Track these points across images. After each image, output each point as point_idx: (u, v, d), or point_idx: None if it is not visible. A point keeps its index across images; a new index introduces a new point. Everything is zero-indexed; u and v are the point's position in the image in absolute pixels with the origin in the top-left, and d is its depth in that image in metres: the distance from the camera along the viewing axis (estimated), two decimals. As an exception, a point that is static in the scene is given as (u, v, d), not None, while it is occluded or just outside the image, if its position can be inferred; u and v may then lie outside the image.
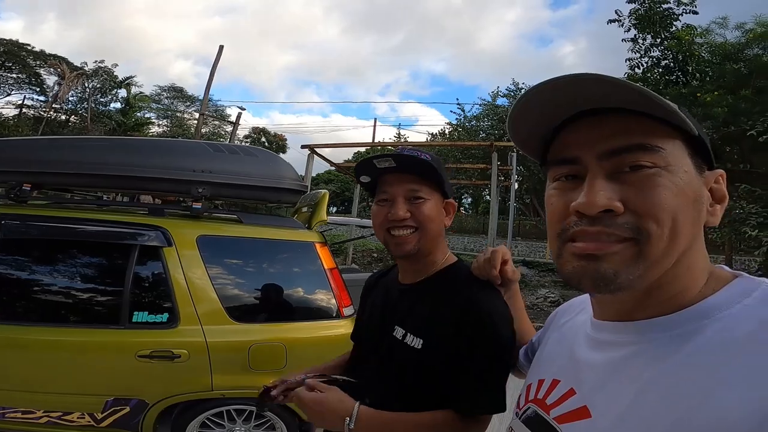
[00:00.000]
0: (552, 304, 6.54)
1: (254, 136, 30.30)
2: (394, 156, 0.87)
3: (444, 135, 25.73)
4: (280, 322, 2.14)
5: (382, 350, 0.94)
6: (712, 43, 7.94)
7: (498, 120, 20.65)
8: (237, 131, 15.26)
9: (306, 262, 2.32)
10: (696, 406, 0.36)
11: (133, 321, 1.94)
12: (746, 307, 0.40)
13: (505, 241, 11.29)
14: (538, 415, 0.53)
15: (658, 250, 0.41)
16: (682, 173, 0.42)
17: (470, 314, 0.83)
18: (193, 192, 2.22)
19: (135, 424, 1.99)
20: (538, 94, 0.46)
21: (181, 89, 27.36)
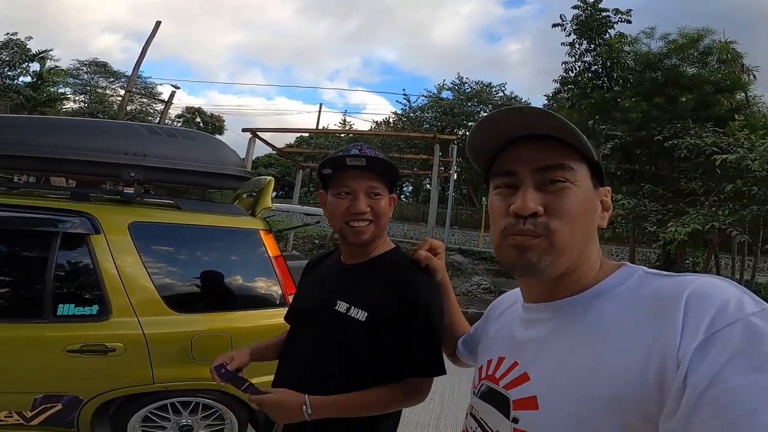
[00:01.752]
0: (485, 291, 6.98)
1: (188, 115, 28.19)
2: (366, 156, 0.96)
3: (389, 124, 25.94)
4: (224, 311, 2.09)
5: (321, 323, 1.02)
6: (638, 51, 8.72)
7: (441, 112, 21.21)
8: (169, 110, 14.12)
9: (250, 249, 2.27)
10: (598, 360, 0.49)
11: (58, 314, 1.79)
12: (627, 288, 0.54)
13: (443, 230, 11.79)
14: (491, 388, 0.64)
15: (563, 242, 0.55)
16: (584, 188, 0.57)
17: (410, 293, 0.96)
18: (124, 176, 2.07)
19: (70, 421, 1.87)
20: (492, 120, 0.59)
21: (105, 64, 24.84)
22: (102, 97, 24.41)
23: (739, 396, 0.37)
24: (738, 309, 0.42)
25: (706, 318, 0.42)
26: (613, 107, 8.09)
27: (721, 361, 0.39)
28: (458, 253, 9.35)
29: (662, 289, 0.49)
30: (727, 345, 0.40)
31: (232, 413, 2.10)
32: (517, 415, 0.56)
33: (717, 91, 7.88)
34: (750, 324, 0.40)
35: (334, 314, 1.00)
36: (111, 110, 23.19)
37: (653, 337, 0.45)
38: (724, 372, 0.38)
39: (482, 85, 21.94)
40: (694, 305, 0.44)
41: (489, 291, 7.04)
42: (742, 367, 0.38)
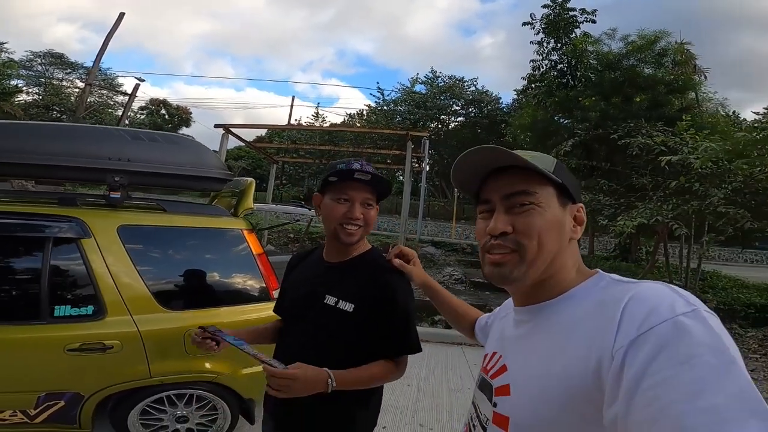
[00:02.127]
0: (456, 281, 7.29)
1: (152, 107, 27.07)
2: (372, 174, 1.15)
3: (362, 116, 25.91)
4: (213, 307, 2.22)
5: (312, 315, 1.18)
6: (600, 51, 9.16)
7: (414, 105, 21.39)
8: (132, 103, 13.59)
9: (235, 248, 2.40)
10: (557, 357, 0.57)
11: (55, 315, 1.88)
12: (592, 293, 0.61)
13: (416, 221, 12.07)
14: (483, 378, 0.74)
15: (531, 255, 0.64)
16: (547, 208, 0.66)
17: (388, 291, 1.16)
18: (108, 181, 2.15)
19: (72, 417, 1.96)
20: (462, 164, 0.71)
21: (61, 55, 23.63)
22: (58, 89, 23.22)
23: (666, 387, 0.41)
24: (669, 309, 0.46)
25: (639, 318, 0.48)
26: (575, 105, 8.48)
27: (652, 354, 0.44)
28: (431, 245, 9.65)
29: (612, 294, 0.56)
30: (657, 341, 0.44)
31: (225, 403, 2.24)
32: (496, 400, 0.66)
33: (669, 92, 8.43)
34: (678, 322, 0.45)
35: (325, 307, 1.16)
36: (68, 102, 22.07)
37: (596, 336, 0.52)
38: (653, 365, 0.43)
39: (455, 80, 22.25)
40: (630, 308, 0.50)
41: (460, 281, 7.36)
42: (670, 361, 0.42)
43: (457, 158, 0.70)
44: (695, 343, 0.43)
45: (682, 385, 0.41)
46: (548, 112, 9.42)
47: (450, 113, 22.53)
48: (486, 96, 21.85)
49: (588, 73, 9.10)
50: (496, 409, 0.65)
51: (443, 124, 22.81)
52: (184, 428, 2.22)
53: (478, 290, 6.95)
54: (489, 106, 21.46)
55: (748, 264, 17.76)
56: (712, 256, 17.39)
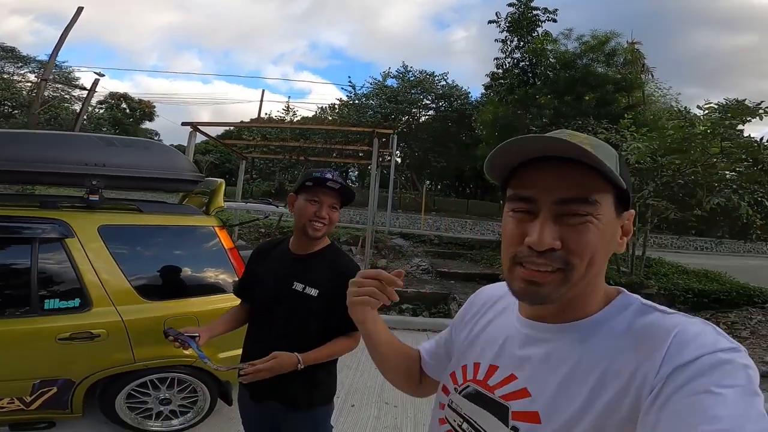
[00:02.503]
0: (423, 272, 7.69)
1: (111, 102, 26.01)
2: (342, 185, 1.40)
3: (334, 110, 25.91)
4: (189, 298, 2.44)
5: (283, 300, 1.42)
6: (557, 51, 9.67)
7: (386, 99, 21.62)
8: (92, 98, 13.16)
9: (208, 244, 2.63)
10: (598, 390, 0.53)
11: (46, 308, 2.07)
12: (624, 318, 0.57)
13: (385, 213, 12.40)
14: (480, 392, 0.67)
15: (578, 276, 0.55)
16: (605, 220, 0.55)
17: (344, 276, 1.36)
18: (87, 185, 2.33)
19: (65, 402, 2.15)
20: (519, 144, 0.56)
21: (13, 49, 22.59)
22: (9, 83, 22.12)
23: (694, 408, 0.44)
24: (712, 345, 0.48)
25: (685, 351, 0.49)
26: (533, 103, 9.00)
27: (689, 379, 0.46)
28: (399, 236, 10.03)
29: (653, 326, 0.54)
30: (697, 369, 0.47)
31: (204, 386, 2.48)
32: (517, 425, 0.59)
33: (616, 90, 9.08)
34: (718, 357, 0.47)
35: (293, 293, 1.40)
36: (19, 97, 21.06)
37: (639, 365, 0.51)
38: (688, 386, 0.46)
39: (425, 74, 22.62)
40: (677, 341, 0.50)
41: (427, 272, 7.77)
42: (703, 386, 0.45)
43: (503, 143, 0.57)
44: (725, 376, 0.46)
45: (704, 409, 0.44)
46: (509, 109, 9.91)
47: (420, 107, 22.91)
48: (456, 90, 22.35)
49: (547, 71, 9.62)
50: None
51: (414, 118, 23.18)
52: (167, 410, 2.46)
53: (444, 279, 7.37)
54: (458, 101, 21.98)
55: (698, 252, 18.69)
56: (664, 243, 18.65)
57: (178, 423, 2.49)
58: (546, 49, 9.38)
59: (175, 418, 2.49)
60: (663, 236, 18.67)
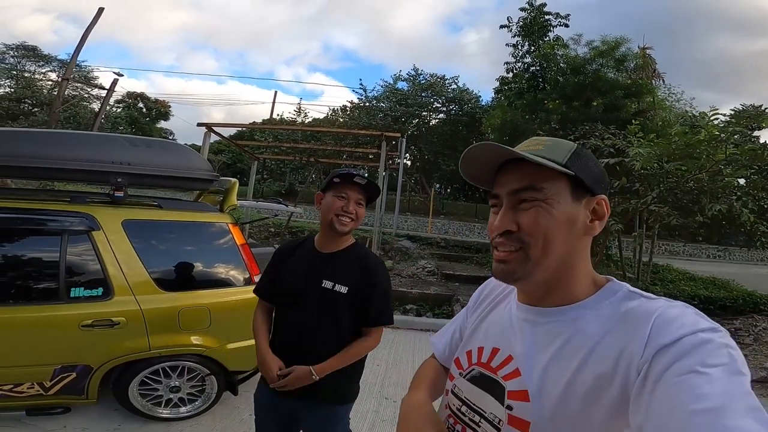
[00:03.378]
0: (429, 273, 7.79)
1: (128, 101, 26.62)
2: (368, 180, 1.47)
3: (345, 112, 26.13)
4: (202, 290, 2.59)
5: (313, 297, 1.44)
6: (567, 56, 9.63)
7: (396, 102, 21.75)
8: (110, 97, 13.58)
9: (221, 239, 2.79)
10: (582, 368, 0.59)
11: (71, 296, 2.24)
12: (611, 303, 0.63)
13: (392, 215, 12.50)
14: (484, 375, 0.71)
15: (536, 254, 0.63)
16: (556, 204, 0.63)
17: (373, 275, 1.48)
18: (112, 182, 2.51)
19: (81, 388, 2.29)
20: (469, 157, 0.68)
21: (35, 48, 23.38)
22: (30, 82, 22.84)
23: (681, 387, 0.47)
24: (693, 326, 0.52)
25: (667, 332, 0.53)
26: (541, 108, 9.01)
27: (674, 359, 0.50)
28: (406, 239, 10.14)
29: (636, 308, 0.59)
30: (680, 349, 0.50)
31: (212, 374, 2.62)
32: (510, 403, 0.64)
33: (625, 96, 9.05)
34: (700, 337, 0.51)
35: (323, 290, 1.43)
36: (40, 95, 21.74)
37: (625, 347, 0.55)
38: (674, 366, 0.49)
39: (436, 77, 22.70)
40: (659, 322, 0.54)
41: (432, 273, 7.87)
42: (688, 366, 0.48)
43: (463, 152, 0.69)
44: (708, 355, 0.49)
45: (692, 388, 0.47)
46: (517, 114, 9.93)
47: (431, 110, 22.99)
48: (466, 94, 22.37)
49: (557, 76, 9.59)
50: (513, 413, 0.64)
51: (424, 121, 23.27)
52: (176, 397, 2.61)
53: (449, 281, 7.47)
54: (469, 104, 22.00)
55: (710, 259, 18.37)
56: (676, 251, 18.42)
57: (186, 410, 2.64)
58: (556, 54, 9.36)
59: (182, 406, 2.64)
60: (675, 243, 18.44)
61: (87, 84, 21.83)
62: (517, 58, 10.18)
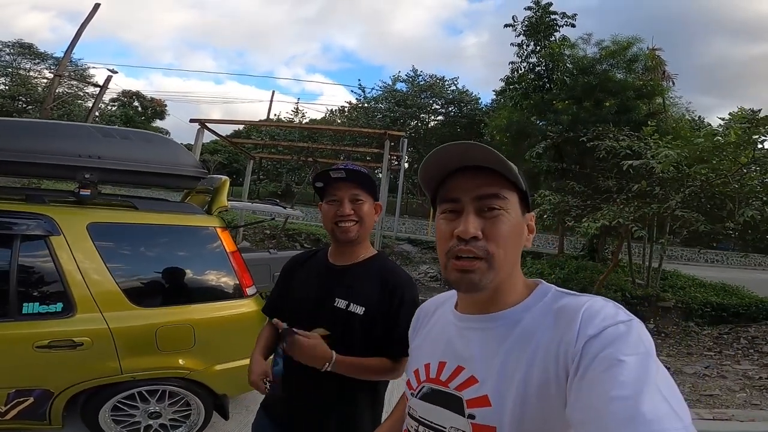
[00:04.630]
0: (431, 279, 7.47)
1: (124, 99, 26.26)
2: (345, 169, 1.18)
3: (343, 113, 25.83)
4: (185, 305, 2.24)
5: (322, 317, 1.18)
6: (575, 56, 9.38)
7: (395, 103, 21.50)
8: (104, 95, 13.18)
9: (208, 245, 2.42)
10: (531, 363, 0.61)
11: (24, 313, 1.87)
12: (545, 304, 0.66)
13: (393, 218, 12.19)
14: (436, 390, 0.72)
15: (500, 261, 0.65)
16: (514, 215, 0.67)
17: (397, 295, 1.18)
18: (79, 178, 2.14)
19: (42, 413, 1.97)
20: (440, 152, 0.68)
21: (31, 45, 23.27)
22: (25, 79, 22.61)
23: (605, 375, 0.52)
24: (613, 318, 0.58)
25: (593, 323, 0.58)
26: (549, 108, 8.73)
27: (600, 349, 0.55)
28: (407, 242, 9.79)
29: (566, 305, 0.63)
30: (604, 340, 0.55)
31: (198, 399, 2.26)
32: (472, 412, 0.65)
33: (637, 97, 8.78)
34: (620, 328, 0.56)
35: (335, 310, 1.18)
36: (35, 93, 21.42)
37: (561, 339, 0.59)
38: (600, 356, 0.54)
39: (435, 79, 22.48)
40: (586, 315, 0.59)
41: (435, 279, 7.53)
42: (611, 355, 0.53)
43: (433, 150, 0.68)
44: (626, 344, 0.54)
45: (615, 376, 0.51)
46: (524, 114, 9.65)
47: (430, 112, 22.73)
48: (466, 96, 22.16)
49: (564, 76, 9.33)
50: (476, 421, 0.65)
51: (423, 123, 23.02)
52: (156, 423, 2.24)
53: (452, 288, 7.14)
54: (468, 106, 21.78)
55: (708, 264, 18.36)
56: (675, 255, 18.22)
57: None
58: (563, 54, 9.10)
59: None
60: (673, 248, 18.28)
61: (82, 81, 21.44)
62: (522, 58, 9.91)
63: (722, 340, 5.65)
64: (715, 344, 5.51)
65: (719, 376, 4.33)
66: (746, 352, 5.04)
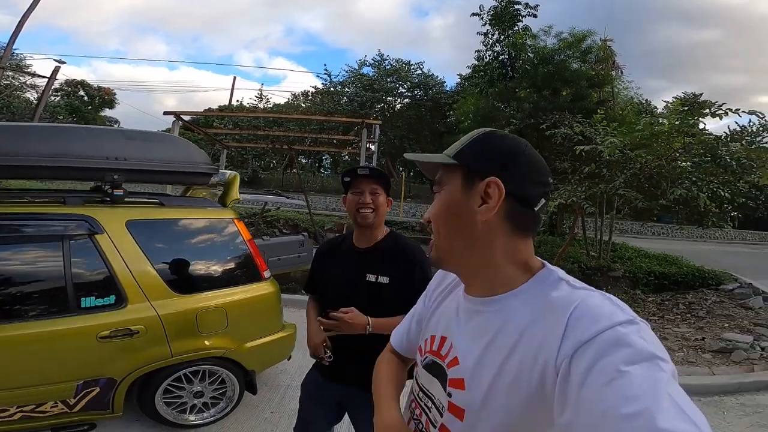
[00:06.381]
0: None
1: (68, 89, 24.34)
2: (369, 167, 1.53)
3: (307, 97, 25.46)
4: (217, 290, 2.49)
5: (360, 290, 1.51)
6: (536, 46, 9.90)
7: (362, 88, 21.46)
8: (52, 86, 12.34)
9: (228, 236, 2.69)
10: (508, 359, 0.59)
11: (82, 307, 2.07)
12: (541, 291, 0.62)
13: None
14: (435, 362, 0.73)
15: (439, 243, 0.69)
16: (447, 196, 0.67)
17: (411, 263, 1.50)
18: (108, 179, 2.33)
19: (107, 402, 2.15)
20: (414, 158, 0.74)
21: None
22: None
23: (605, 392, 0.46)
24: (609, 319, 0.51)
25: (582, 327, 0.52)
26: (512, 96, 9.27)
27: (593, 362, 0.48)
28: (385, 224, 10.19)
29: (558, 299, 0.58)
30: (598, 349, 0.49)
31: (233, 375, 2.54)
32: (450, 391, 0.67)
33: (590, 86, 9.50)
34: (617, 332, 0.49)
35: (368, 283, 1.49)
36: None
37: (543, 341, 0.55)
38: (593, 372, 0.48)
39: (401, 63, 22.60)
40: (575, 316, 0.53)
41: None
42: (608, 368, 0.47)
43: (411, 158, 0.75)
44: (629, 352, 0.47)
45: (617, 390, 0.45)
46: (489, 101, 10.16)
47: (396, 95, 22.92)
48: (431, 79, 22.48)
49: (525, 65, 9.85)
50: (452, 400, 0.66)
51: (389, 106, 23.19)
52: (200, 403, 2.51)
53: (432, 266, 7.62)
54: (433, 90, 22.15)
55: (655, 237, 19.70)
56: (625, 229, 19.64)
57: (211, 414, 2.55)
58: (525, 43, 9.61)
59: (207, 410, 2.55)
60: (623, 222, 19.86)
61: (19, 72, 19.68)
62: (487, 47, 10.34)
63: (664, 306, 6.17)
64: (658, 310, 5.99)
65: (662, 338, 4.71)
66: (684, 316, 5.53)
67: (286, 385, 3.14)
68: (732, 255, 12.67)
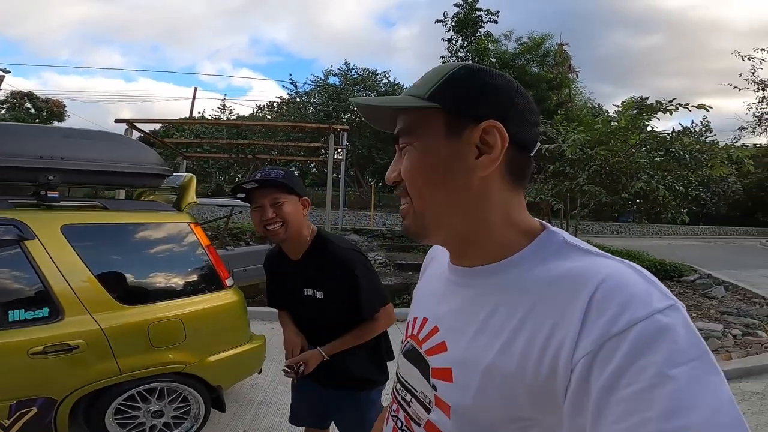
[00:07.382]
0: (381, 265, 7.79)
1: (13, 101, 22.89)
2: (257, 180, 1.33)
3: (272, 108, 25.10)
4: (172, 300, 2.27)
5: (300, 304, 1.47)
6: (498, 51, 10.26)
7: (328, 98, 21.41)
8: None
9: (184, 241, 2.47)
10: (508, 345, 0.47)
11: (11, 320, 1.82)
12: (544, 259, 0.50)
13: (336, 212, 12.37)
14: (414, 348, 0.61)
15: (418, 203, 0.53)
16: (425, 149, 0.52)
17: (346, 270, 1.37)
18: (42, 180, 2.09)
19: (47, 423, 1.92)
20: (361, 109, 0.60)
21: None
22: None
23: (641, 402, 0.36)
24: (645, 304, 0.40)
25: (610, 314, 0.40)
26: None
27: (626, 362, 0.38)
28: (353, 232, 10.05)
29: (571, 273, 0.46)
30: (632, 346, 0.38)
31: (196, 392, 2.31)
32: (435, 383, 0.55)
33: (549, 88, 9.92)
34: (656, 322, 0.39)
35: (304, 298, 1.44)
36: None
37: (556, 324, 0.43)
38: (627, 375, 0.37)
39: (368, 72, 22.75)
40: (599, 298, 0.41)
41: (385, 264, 7.88)
42: (646, 371, 0.37)
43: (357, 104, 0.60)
44: (673, 350, 0.37)
45: (659, 400, 0.36)
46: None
47: (358, 105, 22.93)
48: (398, 88, 22.67)
49: (488, 70, 10.20)
50: (438, 394, 0.54)
51: (357, 115, 23.21)
52: (161, 423, 2.26)
53: (402, 271, 7.53)
54: (399, 99, 22.37)
55: (614, 235, 20.42)
56: (587, 228, 20.46)
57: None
58: (488, 48, 9.93)
59: (169, 431, 2.30)
60: (585, 222, 20.68)
61: None
62: (452, 53, 10.57)
63: (627, 298, 6.67)
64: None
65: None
66: (651, 308, 5.97)
67: (259, 400, 2.92)
68: (687, 248, 13.34)
